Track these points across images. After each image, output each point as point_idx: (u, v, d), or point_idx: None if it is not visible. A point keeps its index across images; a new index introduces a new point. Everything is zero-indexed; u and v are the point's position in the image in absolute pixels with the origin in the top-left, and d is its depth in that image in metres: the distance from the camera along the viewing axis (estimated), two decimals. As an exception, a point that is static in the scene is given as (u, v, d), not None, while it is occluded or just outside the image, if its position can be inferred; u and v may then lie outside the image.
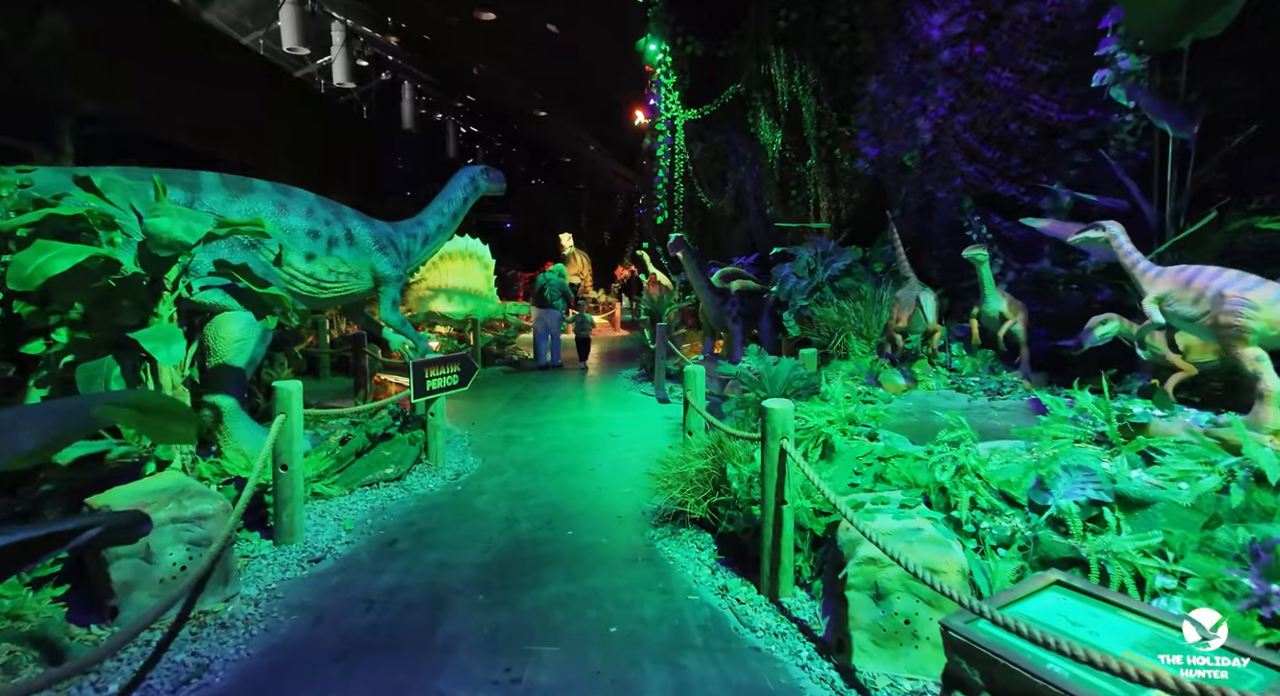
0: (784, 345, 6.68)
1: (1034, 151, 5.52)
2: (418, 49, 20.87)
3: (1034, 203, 5.63)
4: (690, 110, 11.08)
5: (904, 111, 6.54)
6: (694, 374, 4.84)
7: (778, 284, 6.56)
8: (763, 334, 9.92)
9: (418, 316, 11.67)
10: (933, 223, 6.69)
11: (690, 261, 8.98)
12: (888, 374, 4.87)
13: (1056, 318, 5.20)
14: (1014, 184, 5.69)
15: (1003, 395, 4.40)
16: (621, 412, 7.86)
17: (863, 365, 5.15)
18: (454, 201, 6.40)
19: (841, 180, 9.76)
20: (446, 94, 24.24)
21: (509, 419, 7.51)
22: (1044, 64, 5.21)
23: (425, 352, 6.37)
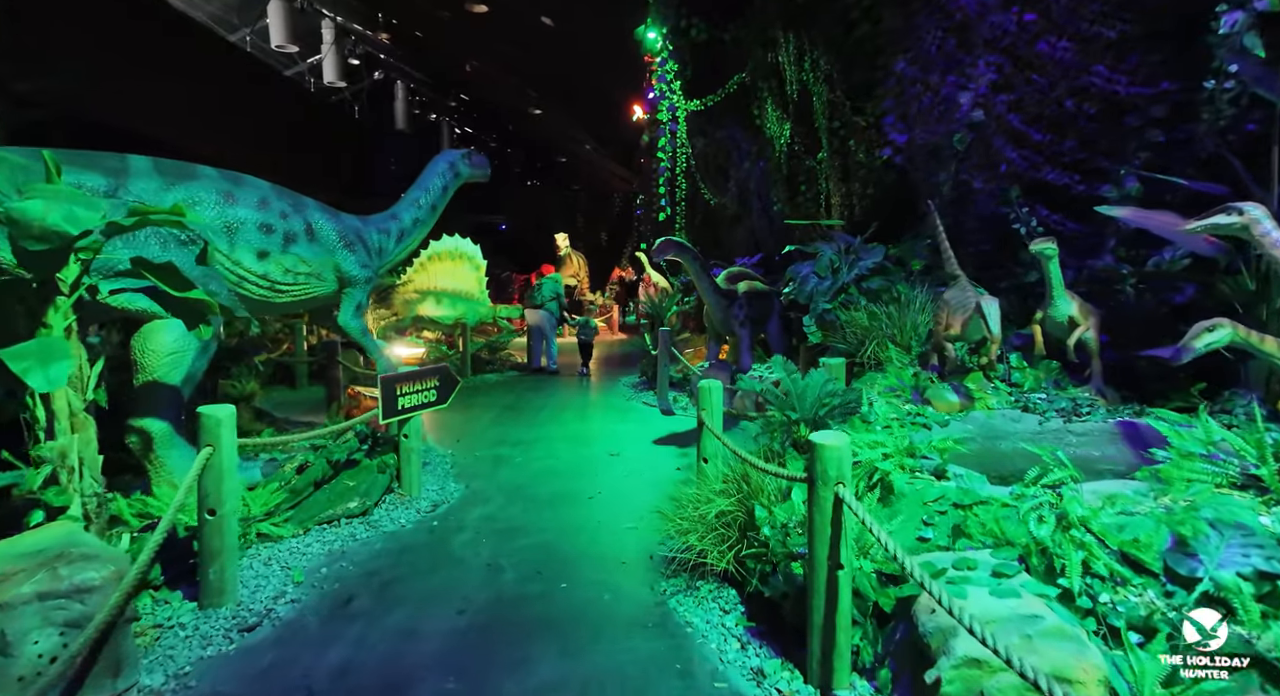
0: (802, 352, 5.92)
1: (1093, 132, 4.78)
2: (409, 45, 20.10)
3: (1089, 191, 4.89)
4: (693, 101, 10.32)
5: (936, 93, 5.79)
6: (710, 390, 4.07)
7: (795, 284, 5.80)
8: (772, 338, 9.16)
9: (404, 320, 10.88)
10: (967, 216, 5.94)
11: (692, 262, 8.20)
12: (937, 390, 4.11)
13: (1124, 323, 4.45)
14: (1067, 170, 4.95)
15: (1080, 416, 3.65)
16: (622, 426, 7.08)
17: (904, 378, 4.39)
18: (432, 191, 5.62)
19: (855, 174, 9.01)
20: (440, 93, 23.45)
21: (499, 434, 6.72)
22: (1111, 29, 4.46)
23: (387, 367, 5.58)
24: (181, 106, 12.28)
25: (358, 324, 5.21)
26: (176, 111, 11.97)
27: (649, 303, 10.08)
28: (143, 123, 10.45)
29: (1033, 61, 4.88)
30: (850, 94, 8.64)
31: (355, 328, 5.23)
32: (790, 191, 10.04)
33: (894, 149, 6.29)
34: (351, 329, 5.22)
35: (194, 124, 12.48)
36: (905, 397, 4.18)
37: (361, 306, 5.15)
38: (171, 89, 11.96)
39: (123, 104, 10.26)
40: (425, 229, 5.67)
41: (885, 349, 5.03)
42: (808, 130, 9.51)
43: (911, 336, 4.94)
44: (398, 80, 21.64)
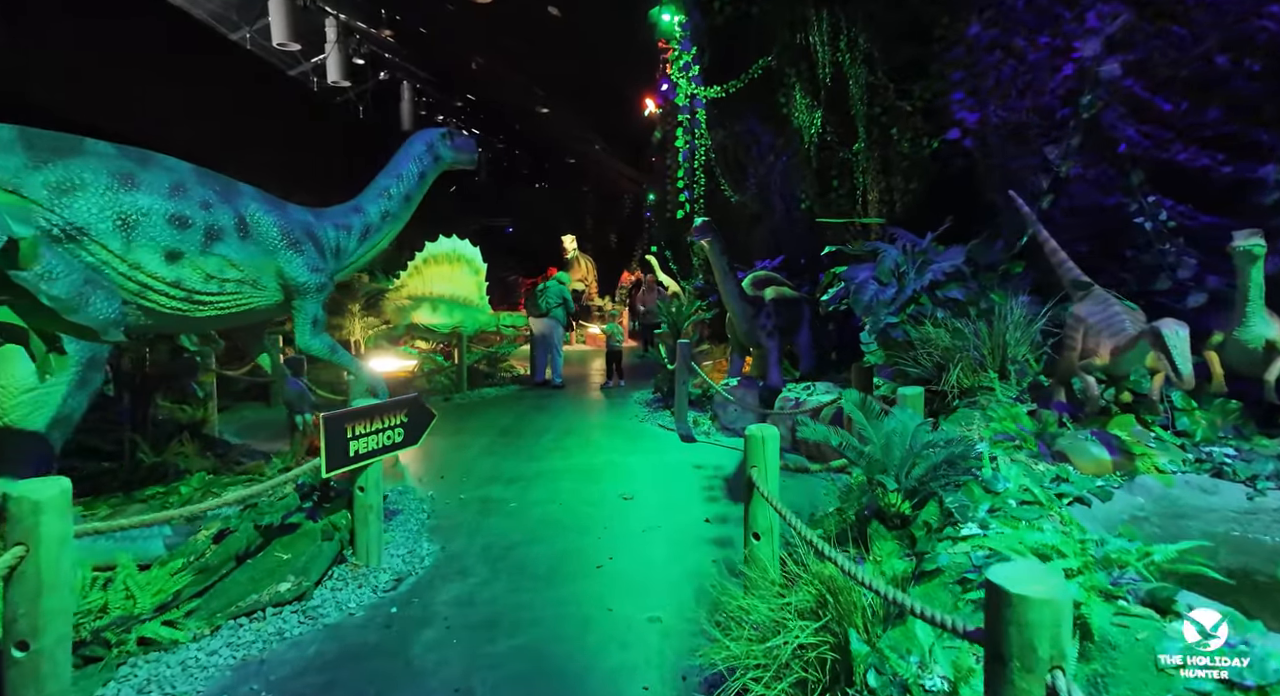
0: (854, 374, 4.76)
1: (1254, 96, 3.61)
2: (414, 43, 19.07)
3: (1239, 174, 3.72)
4: (713, 87, 9.17)
5: (1021, 59, 4.63)
6: (762, 440, 2.91)
7: (852, 293, 4.63)
8: (801, 350, 7.99)
9: (397, 329, 9.77)
10: (1055, 208, 4.77)
11: (720, 259, 7.06)
12: (1077, 442, 2.95)
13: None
14: (1207, 148, 3.79)
15: (1302, 486, 2.50)
16: (636, 456, 5.93)
17: (1021, 421, 3.24)
18: (405, 178, 4.48)
19: (897, 166, 7.84)
20: (446, 93, 22.40)
21: (491, 468, 5.59)
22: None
23: (376, 386, 4.46)
24: (177, 105, 11.35)
25: (321, 342, 4.08)
26: (170, 110, 11.05)
27: (665, 310, 8.92)
28: (134, 121, 9.49)
29: (1168, 7, 3.72)
30: (894, 75, 7.47)
31: (320, 347, 4.10)
32: (821, 187, 8.87)
33: (963, 130, 5.13)
34: (316, 349, 4.10)
35: (191, 123, 11.55)
36: (1029, 449, 3.03)
37: (319, 320, 4.01)
38: (167, 87, 11.04)
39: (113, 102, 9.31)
40: (397, 225, 4.55)
41: (973, 375, 3.87)
42: (842, 118, 8.34)
43: (1013, 360, 3.78)
44: (404, 80, 20.61)
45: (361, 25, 18.33)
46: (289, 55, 16.66)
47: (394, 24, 18.56)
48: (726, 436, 6.53)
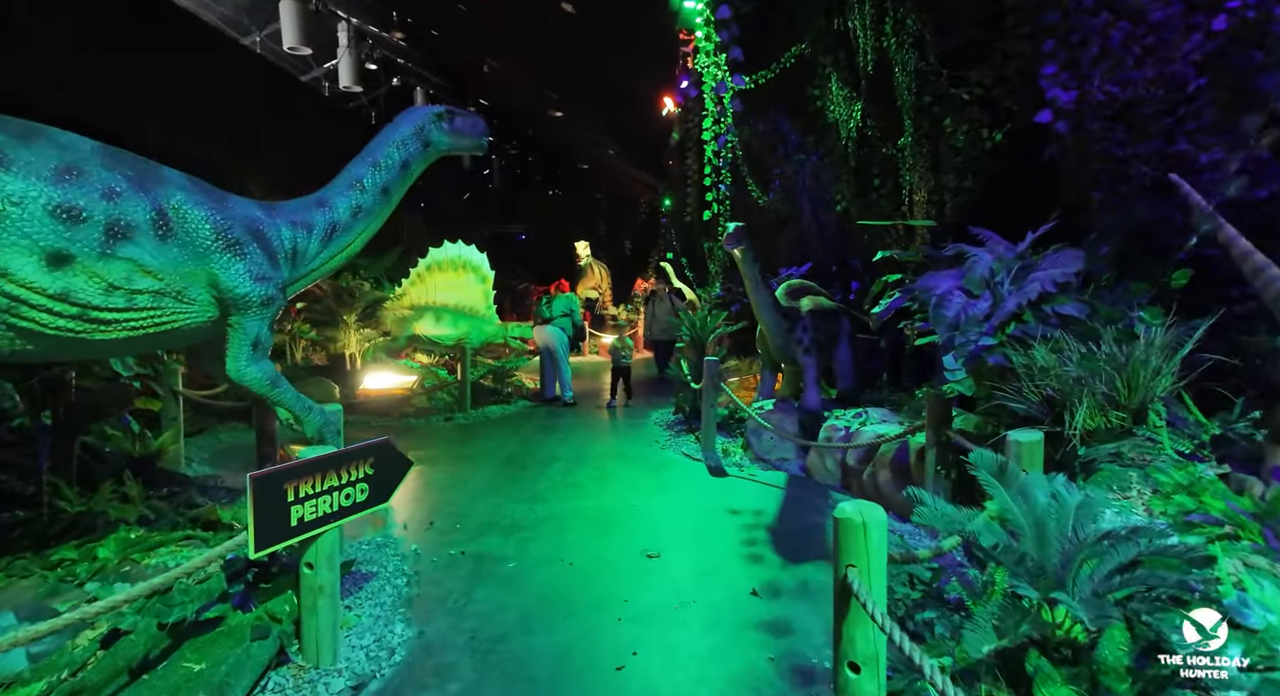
0: (930, 406, 3.80)
1: None
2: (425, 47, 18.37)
3: None
4: (743, 77, 8.26)
5: (1141, 21, 3.68)
6: (863, 528, 1.96)
7: (932, 307, 3.68)
8: (840, 367, 7.04)
9: (398, 341, 8.92)
10: (1170, 207, 3.81)
11: (752, 267, 6.15)
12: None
13: None
14: None
15: None
16: (659, 496, 4.99)
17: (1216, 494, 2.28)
18: (385, 167, 3.59)
19: (948, 162, 6.88)
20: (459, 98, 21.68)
21: (490, 510, 4.67)
22: None
23: (325, 431, 3.56)
24: (178, 108, 10.68)
25: (259, 372, 3.17)
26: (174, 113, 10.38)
27: (688, 321, 7.98)
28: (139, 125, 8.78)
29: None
30: (948, 59, 6.52)
31: (256, 377, 3.20)
32: (859, 187, 7.92)
33: (1054, 111, 4.17)
34: (251, 380, 3.20)
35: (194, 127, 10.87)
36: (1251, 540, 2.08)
37: (261, 342, 3.12)
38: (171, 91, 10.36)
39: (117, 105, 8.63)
40: (374, 223, 3.65)
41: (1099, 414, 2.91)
42: (885, 111, 7.40)
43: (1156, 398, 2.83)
44: (416, 86, 19.91)
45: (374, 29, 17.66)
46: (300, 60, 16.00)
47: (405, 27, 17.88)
48: (762, 469, 5.58)
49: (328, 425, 3.65)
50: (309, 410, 3.53)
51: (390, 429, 7.19)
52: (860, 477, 4.79)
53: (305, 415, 3.54)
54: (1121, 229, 3.87)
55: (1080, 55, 4.04)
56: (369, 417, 7.53)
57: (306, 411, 3.53)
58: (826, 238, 10.01)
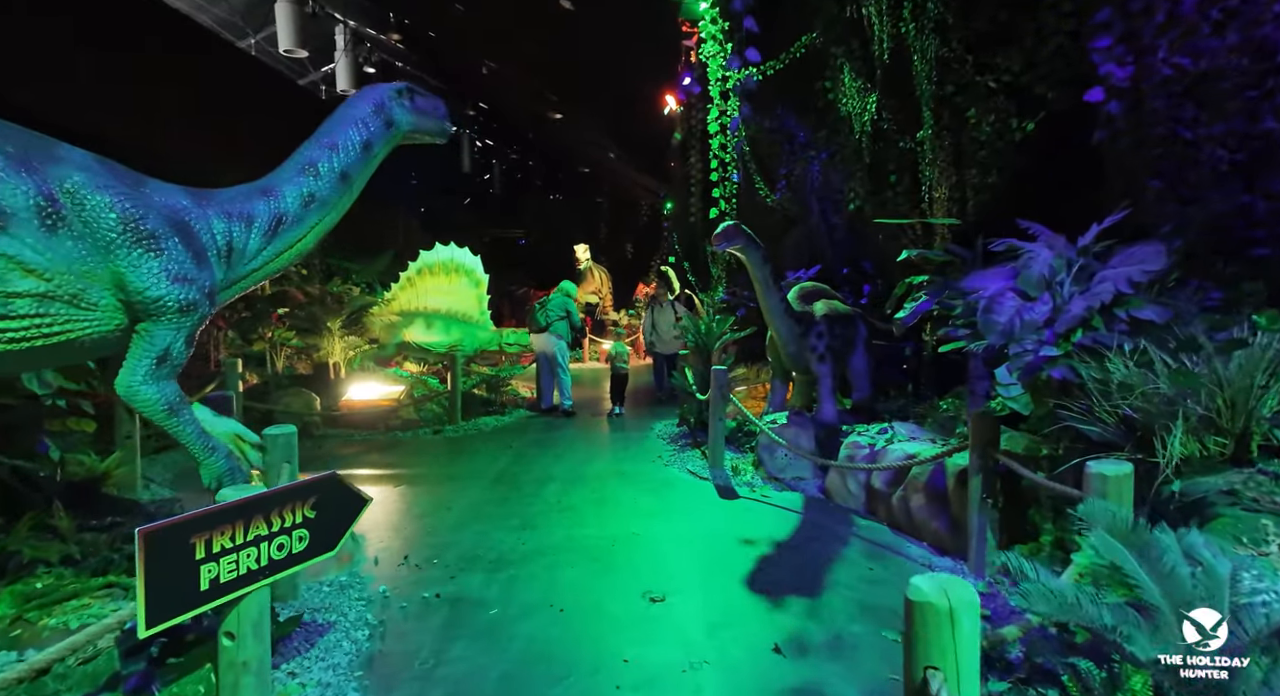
0: (973, 427, 3.24)
1: None
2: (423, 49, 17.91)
3: None
4: (748, 68, 7.74)
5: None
6: (950, 616, 1.40)
7: (981, 311, 3.12)
8: (855, 375, 6.47)
9: (386, 349, 8.38)
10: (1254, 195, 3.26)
11: (762, 269, 5.61)
12: None
13: None
14: None
15: None
16: (663, 522, 4.43)
17: None
18: (343, 150, 3.04)
19: (971, 156, 6.34)
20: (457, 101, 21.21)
21: (473, 541, 4.11)
22: None
23: (230, 480, 2.97)
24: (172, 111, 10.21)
25: (156, 393, 2.59)
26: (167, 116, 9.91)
27: (693, 327, 7.42)
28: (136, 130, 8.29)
29: None
30: (974, 44, 5.99)
31: (151, 400, 2.60)
32: (874, 184, 7.38)
33: (1108, 90, 3.63)
34: (144, 401, 2.60)
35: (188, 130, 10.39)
36: None
37: (171, 359, 2.55)
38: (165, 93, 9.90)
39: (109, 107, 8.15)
40: (330, 214, 3.10)
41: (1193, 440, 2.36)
42: (901, 103, 6.87)
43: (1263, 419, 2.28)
44: (414, 89, 19.49)
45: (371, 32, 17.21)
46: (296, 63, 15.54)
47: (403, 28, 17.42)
48: (776, 490, 5.02)
49: (232, 474, 3.04)
50: (211, 452, 2.92)
51: (374, 443, 6.64)
52: (888, 502, 4.23)
53: (206, 457, 2.93)
54: (1193, 222, 3.32)
55: (1141, 25, 3.50)
56: (351, 431, 6.98)
57: (208, 453, 2.92)
58: (836, 239, 9.47)
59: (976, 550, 3.43)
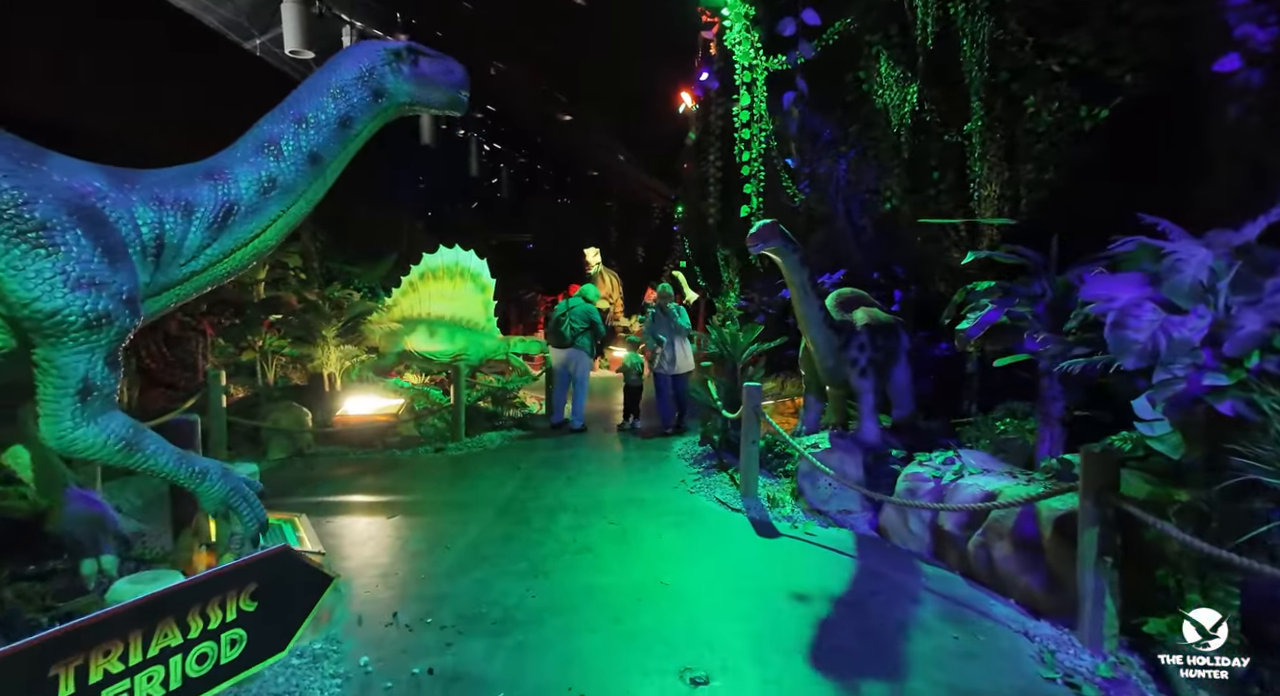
0: (1091, 466, 2.58)
1: None
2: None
3: None
4: (776, 57, 7.09)
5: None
6: None
7: (1110, 326, 2.47)
8: (897, 391, 5.80)
9: (386, 358, 7.75)
10: None
11: (800, 272, 4.98)
12: None
13: None
14: None
15: None
16: (696, 569, 3.77)
17: None
18: (318, 124, 2.36)
19: (1026, 150, 5.67)
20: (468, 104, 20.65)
21: (474, 591, 3.45)
22: None
23: (236, 502, 2.36)
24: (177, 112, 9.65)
25: (99, 434, 1.96)
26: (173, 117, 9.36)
27: (718, 337, 6.76)
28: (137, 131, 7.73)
29: None
30: (1035, 25, 5.33)
31: (96, 443, 1.99)
32: (914, 181, 6.72)
33: (1246, 57, 2.98)
34: (88, 448, 2.00)
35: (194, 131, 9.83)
36: None
37: (97, 388, 1.94)
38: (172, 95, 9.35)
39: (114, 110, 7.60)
40: (298, 204, 2.44)
41: None
42: (947, 93, 6.21)
43: None
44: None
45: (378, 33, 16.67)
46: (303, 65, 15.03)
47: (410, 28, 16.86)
48: (821, 526, 4.34)
49: (237, 494, 2.44)
50: (201, 476, 2.33)
51: (369, 463, 6.00)
52: (963, 549, 3.56)
53: (197, 484, 2.34)
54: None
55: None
56: (346, 449, 6.35)
57: (198, 478, 2.32)
58: (863, 241, 8.80)
59: (1092, 618, 2.76)
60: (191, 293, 2.34)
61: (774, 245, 4.75)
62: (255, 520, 2.38)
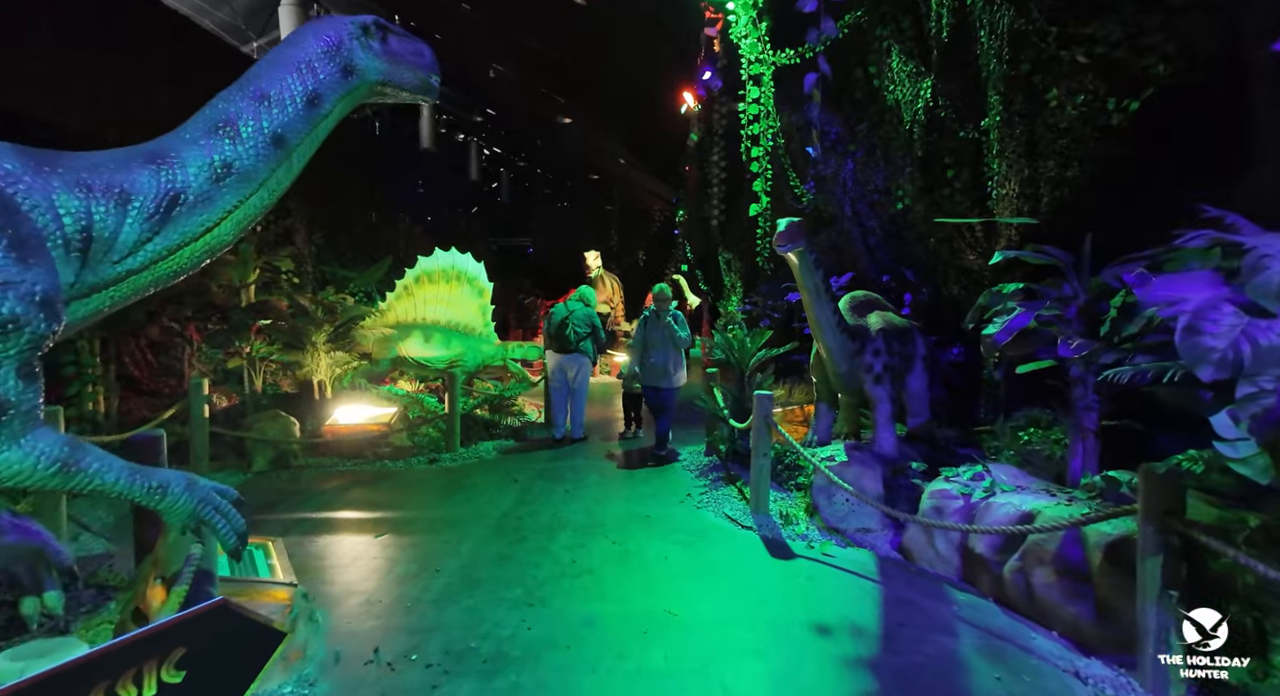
0: (1152, 488, 2.27)
1: None
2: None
3: None
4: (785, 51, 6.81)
5: None
6: None
7: (1182, 332, 2.18)
8: (913, 398, 5.48)
9: (380, 365, 7.44)
10: None
11: (813, 275, 4.68)
12: None
13: None
14: None
15: None
16: (707, 596, 3.44)
17: None
18: (281, 102, 2.06)
19: (1048, 145, 5.37)
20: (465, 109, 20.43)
21: (464, 621, 3.13)
22: None
23: (206, 515, 2.05)
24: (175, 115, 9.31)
25: (22, 456, 1.63)
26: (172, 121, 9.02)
27: (724, 343, 6.45)
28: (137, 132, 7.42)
29: None
30: (1060, 12, 5.03)
31: (25, 467, 1.66)
32: (927, 180, 6.42)
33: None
34: (16, 474, 1.68)
35: None
36: None
37: (7, 403, 1.63)
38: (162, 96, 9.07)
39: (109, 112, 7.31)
40: (259, 194, 2.12)
41: None
42: (965, 87, 5.92)
43: None
44: (422, 97, 18.68)
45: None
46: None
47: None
48: (839, 546, 4.02)
49: (207, 505, 2.11)
50: (161, 492, 2.00)
51: (359, 475, 5.69)
52: (997, 574, 3.24)
53: (159, 501, 2.01)
54: None
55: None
56: (335, 461, 6.03)
57: (158, 494, 2.00)
58: (871, 244, 8.50)
59: (1155, 660, 2.43)
60: (130, 295, 2.03)
61: (800, 246, 4.47)
62: (233, 532, 2.09)
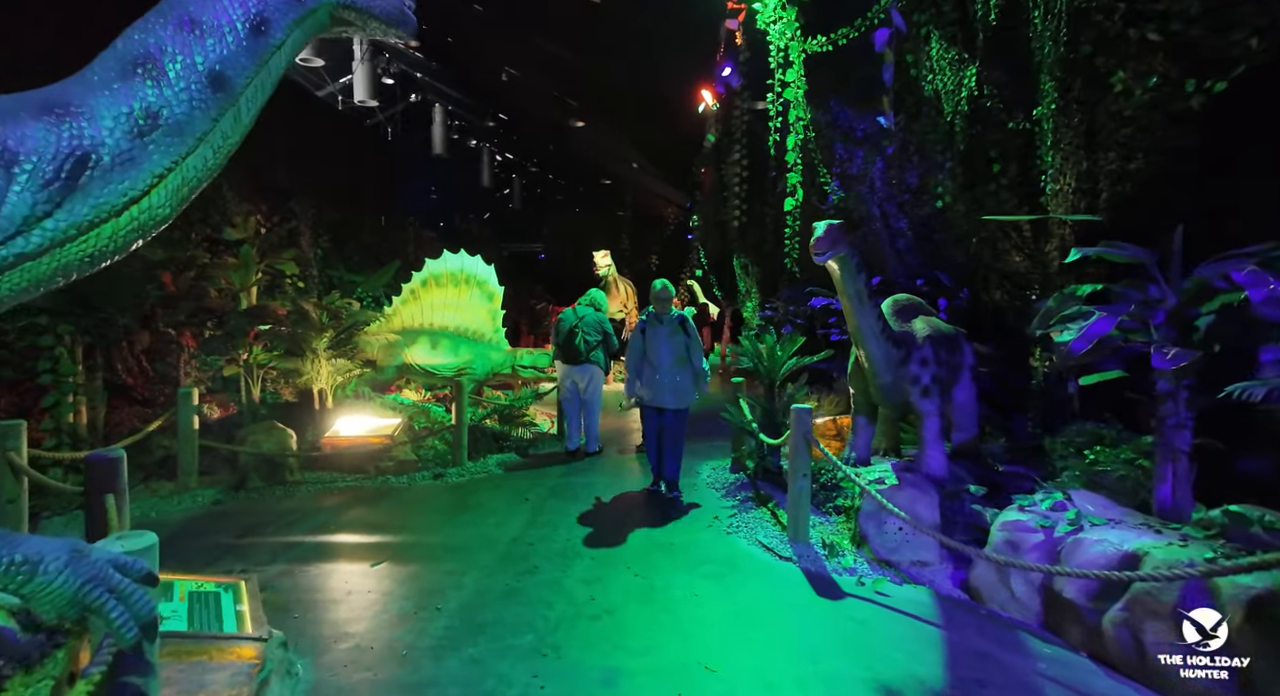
0: None
1: None
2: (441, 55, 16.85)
3: None
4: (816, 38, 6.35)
5: None
6: None
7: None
8: (960, 413, 4.96)
9: (385, 372, 7.01)
10: None
11: (855, 280, 4.20)
12: None
13: None
14: None
15: None
16: (746, 645, 2.94)
17: None
18: (216, 29, 1.53)
19: (1109, 135, 4.86)
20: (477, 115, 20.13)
21: (465, 673, 2.65)
22: None
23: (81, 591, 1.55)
24: None
25: None
26: None
27: (753, 351, 5.93)
28: None
29: None
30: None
31: None
32: (970, 175, 5.92)
33: None
34: None
35: None
36: None
37: None
38: None
39: None
40: (199, 152, 1.51)
41: None
42: (1012, 76, 5.43)
43: None
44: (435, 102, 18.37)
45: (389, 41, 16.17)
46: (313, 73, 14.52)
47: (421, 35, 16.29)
48: (894, 582, 3.50)
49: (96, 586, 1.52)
50: (30, 568, 1.41)
51: (359, 492, 5.23)
52: (1091, 624, 2.71)
53: (24, 580, 1.39)
54: None
55: None
56: (334, 475, 5.58)
57: (24, 573, 1.39)
58: (900, 246, 7.98)
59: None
60: (27, 287, 1.54)
61: (842, 251, 3.99)
62: (133, 622, 1.58)
